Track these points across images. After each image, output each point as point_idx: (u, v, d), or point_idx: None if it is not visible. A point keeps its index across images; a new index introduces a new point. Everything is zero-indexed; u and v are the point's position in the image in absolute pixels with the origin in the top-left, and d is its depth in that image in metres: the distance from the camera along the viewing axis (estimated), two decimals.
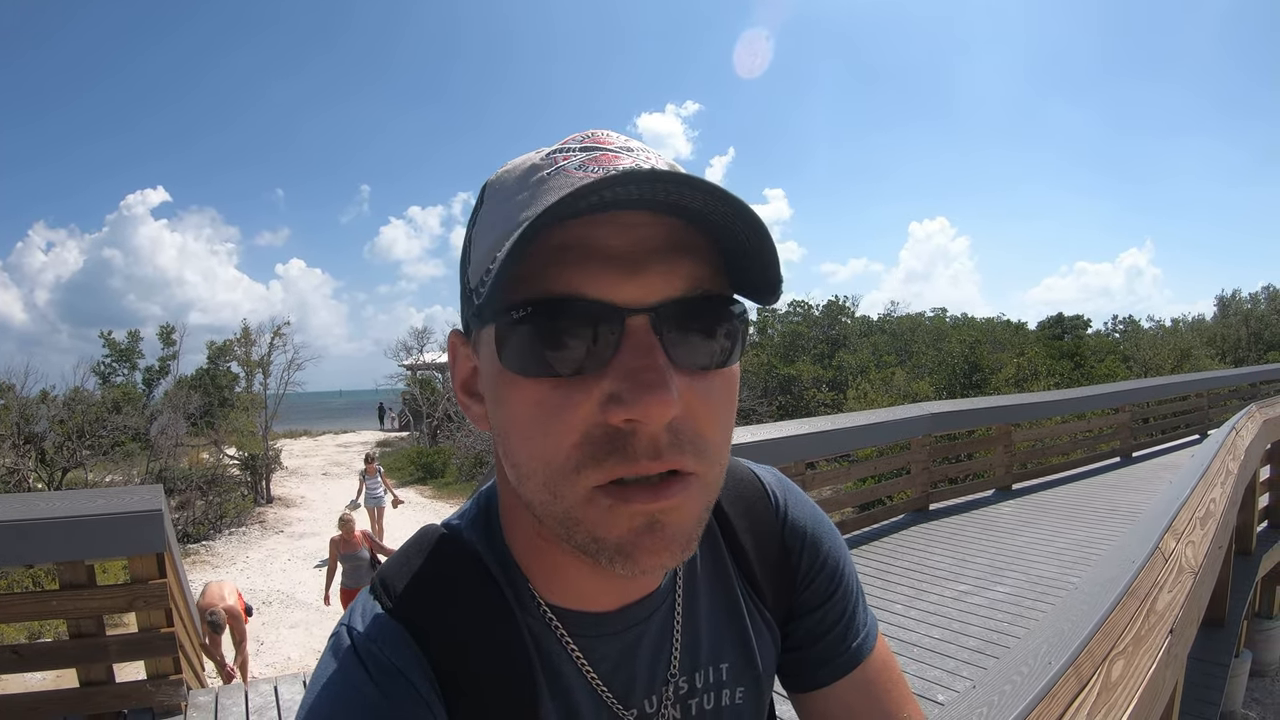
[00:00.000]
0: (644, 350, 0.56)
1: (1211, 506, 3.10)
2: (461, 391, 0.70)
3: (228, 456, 23.96)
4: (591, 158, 0.60)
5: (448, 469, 26.74)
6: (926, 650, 5.00)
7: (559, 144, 0.64)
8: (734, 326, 0.62)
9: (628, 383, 0.56)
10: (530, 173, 0.62)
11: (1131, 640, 1.71)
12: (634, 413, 0.55)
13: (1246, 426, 5.65)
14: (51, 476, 19.89)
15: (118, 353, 33.66)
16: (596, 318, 0.56)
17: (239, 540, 18.60)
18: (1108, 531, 7.86)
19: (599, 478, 0.57)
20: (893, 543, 7.75)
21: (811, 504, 0.95)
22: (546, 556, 0.71)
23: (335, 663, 0.66)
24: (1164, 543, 2.32)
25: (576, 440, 0.57)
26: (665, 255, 0.58)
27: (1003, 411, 10.36)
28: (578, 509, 0.59)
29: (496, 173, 0.67)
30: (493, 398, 0.63)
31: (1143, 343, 37.00)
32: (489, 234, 0.62)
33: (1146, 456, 12.95)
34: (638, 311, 0.57)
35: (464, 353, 0.69)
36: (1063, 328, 44.80)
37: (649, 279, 0.57)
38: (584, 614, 0.73)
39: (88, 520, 3.88)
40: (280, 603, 13.30)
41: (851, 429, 7.72)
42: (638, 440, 0.57)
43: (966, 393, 25.79)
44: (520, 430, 0.60)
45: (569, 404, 0.57)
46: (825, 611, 0.89)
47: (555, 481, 0.59)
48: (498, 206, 0.63)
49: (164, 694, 4.31)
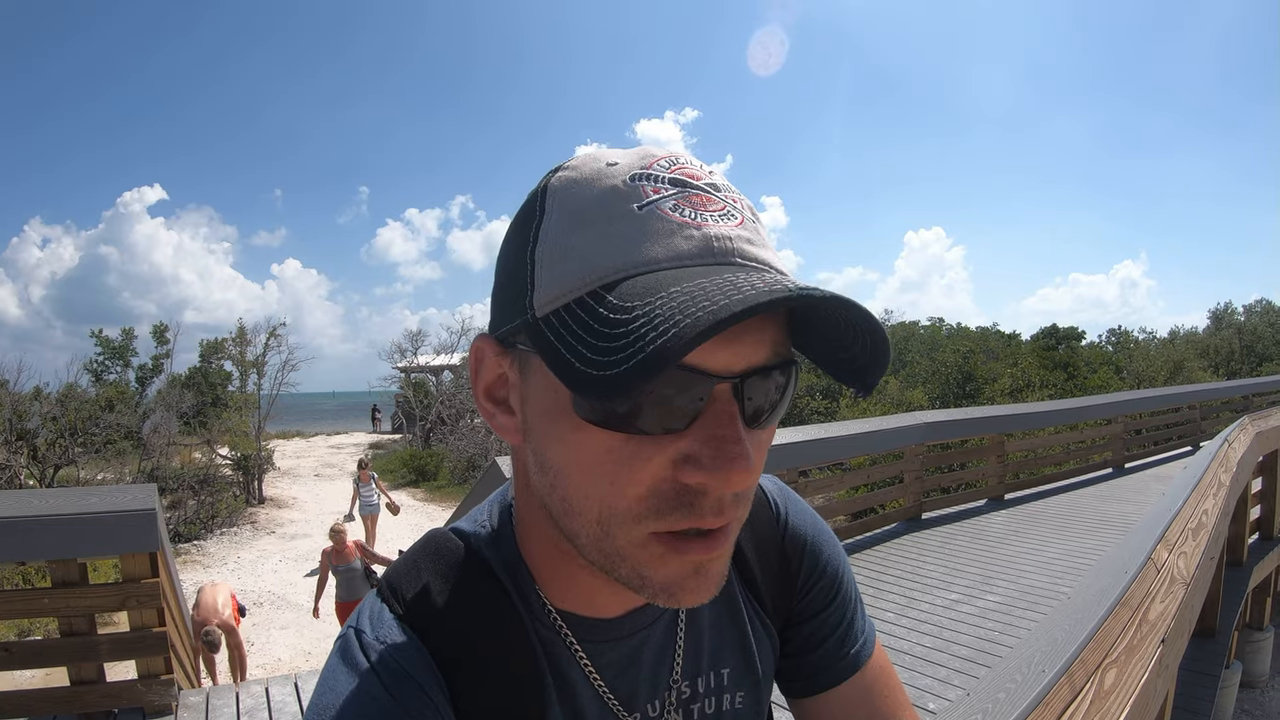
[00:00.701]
0: (727, 419, 0.56)
1: (1204, 518, 3.11)
2: (485, 398, 0.67)
3: (220, 456, 23.86)
4: (684, 198, 0.58)
5: (440, 472, 26.66)
6: (918, 659, 5.00)
7: (640, 163, 0.61)
8: (791, 386, 0.62)
9: (710, 449, 0.55)
10: (614, 197, 0.58)
11: (1124, 650, 1.72)
12: (714, 481, 0.55)
13: (1239, 439, 5.66)
14: (43, 473, 19.78)
15: (110, 350, 33.51)
16: (689, 384, 0.55)
17: (230, 540, 18.53)
18: (1098, 542, 7.87)
19: (659, 527, 0.57)
20: (885, 551, 7.75)
21: (812, 512, 0.96)
22: (561, 567, 0.71)
23: (345, 666, 0.65)
24: (1156, 553, 2.33)
25: (643, 493, 0.57)
26: (758, 326, 0.57)
27: (996, 421, 10.36)
28: (629, 550, 0.59)
29: (560, 177, 0.62)
30: (547, 432, 0.61)
31: (1136, 354, 37.08)
32: (565, 260, 0.57)
33: (1139, 468, 12.98)
34: (726, 379, 0.56)
35: (495, 361, 0.66)
36: (1056, 339, 44.86)
37: (740, 349, 0.56)
38: (591, 620, 0.73)
39: (81, 518, 3.87)
40: (271, 604, 13.25)
41: (845, 437, 7.72)
42: (706, 500, 0.57)
43: (960, 402, 25.83)
44: (580, 472, 0.59)
45: (640, 457, 0.56)
46: (824, 618, 0.90)
47: (611, 523, 0.59)
48: (576, 228, 0.58)
49: (155, 694, 4.29)
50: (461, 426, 28.96)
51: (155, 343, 31.56)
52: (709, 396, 0.56)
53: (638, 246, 0.56)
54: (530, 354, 0.61)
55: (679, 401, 0.55)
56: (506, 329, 0.63)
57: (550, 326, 0.56)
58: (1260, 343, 41.35)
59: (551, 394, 0.59)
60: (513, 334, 0.62)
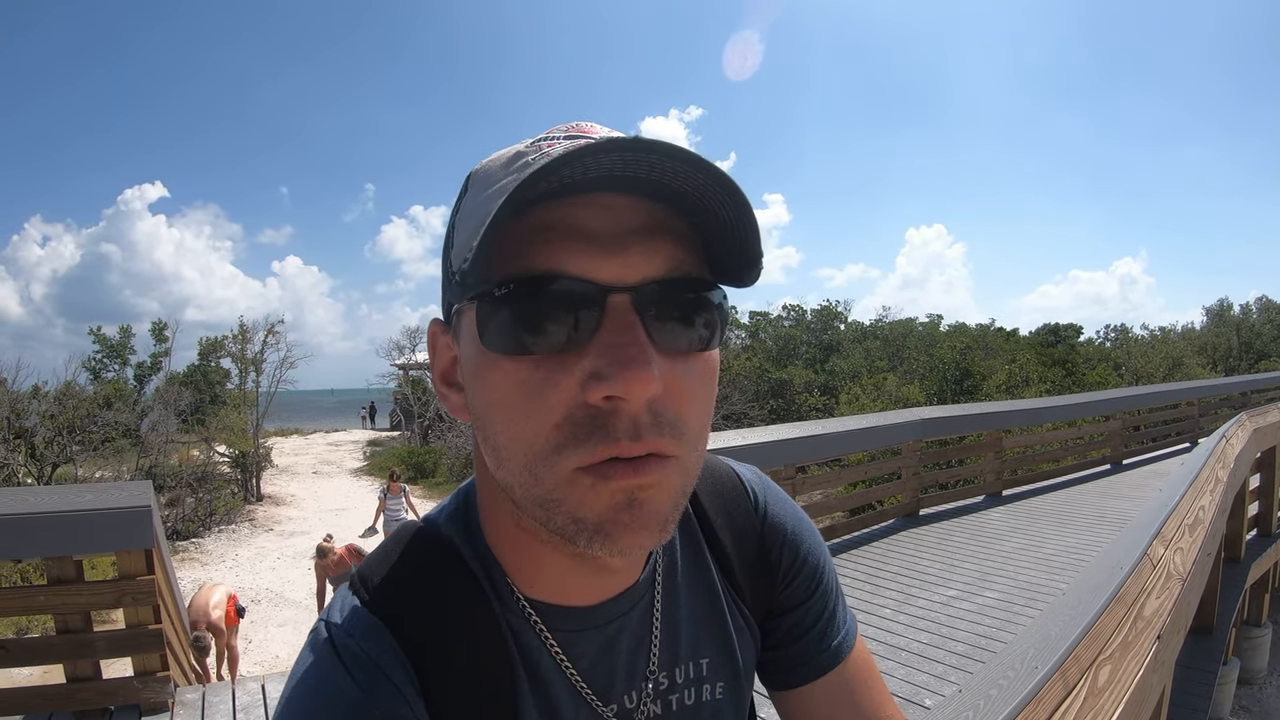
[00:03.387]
0: (625, 328, 0.57)
1: (1200, 514, 3.11)
2: (441, 382, 0.70)
3: (218, 454, 23.87)
4: (575, 144, 0.58)
5: (438, 469, 26.70)
6: (914, 655, 5.00)
7: (543, 134, 0.64)
8: (713, 311, 0.63)
9: (608, 359, 0.56)
10: (514, 159, 0.62)
11: (1119, 646, 1.71)
12: (615, 388, 0.55)
13: (1236, 435, 5.67)
14: (41, 471, 19.77)
15: (109, 348, 33.52)
16: (578, 295, 0.57)
17: (229, 538, 18.57)
18: (1096, 538, 7.87)
19: (580, 459, 0.57)
20: (882, 547, 7.75)
21: (791, 503, 0.96)
22: (526, 550, 0.70)
23: (313, 656, 0.66)
24: (1152, 549, 2.32)
25: (558, 421, 0.57)
26: (645, 236, 0.59)
27: (994, 418, 10.37)
28: (558, 490, 0.59)
29: (481, 162, 0.67)
30: (473, 382, 0.63)
31: (1134, 351, 37.11)
32: (472, 218, 0.61)
33: (1137, 464, 12.97)
34: (619, 290, 0.57)
35: (444, 342, 0.70)
36: (1056, 336, 44.92)
37: (630, 259, 0.58)
38: (563, 608, 0.73)
39: (76, 515, 3.85)
40: (269, 601, 13.28)
41: (843, 433, 7.72)
42: (619, 420, 0.57)
43: (958, 399, 25.80)
44: (500, 412, 0.60)
45: (550, 383, 0.57)
46: (805, 610, 0.90)
47: (535, 463, 0.59)
48: (481, 192, 0.63)
49: (151, 691, 4.28)
50: (460, 424, 28.90)
51: (154, 340, 31.61)
52: (604, 309, 0.57)
53: None
54: (459, 315, 0.64)
55: (574, 316, 0.57)
56: (444, 306, 0.69)
57: (461, 270, 0.58)
58: (1258, 339, 41.50)
59: (471, 342, 0.62)
60: (447, 307, 0.68)
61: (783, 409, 30.99)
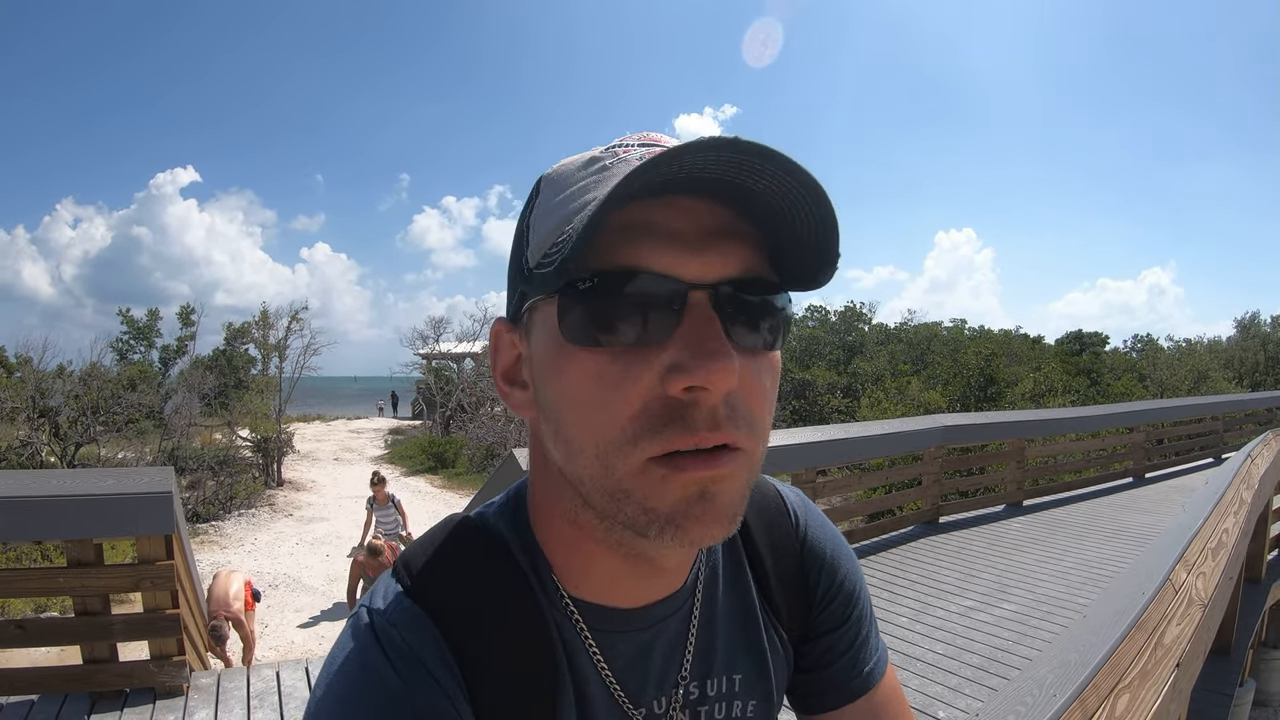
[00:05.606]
0: (706, 322, 0.58)
1: (1224, 537, 3.06)
2: (503, 380, 0.71)
3: (240, 438, 24.07)
4: (650, 151, 0.61)
5: (459, 459, 26.80)
6: (930, 665, 4.97)
7: (615, 142, 0.66)
8: (778, 313, 0.64)
9: (691, 351, 0.57)
10: (590, 163, 0.64)
11: (1138, 675, 1.69)
12: (697, 379, 0.56)
13: (1262, 454, 5.58)
14: (64, 451, 20.03)
15: (136, 330, 33.87)
16: (661, 291, 0.58)
17: (248, 522, 18.74)
18: (1115, 553, 7.80)
19: (656, 449, 0.58)
20: (900, 554, 7.70)
21: (832, 527, 0.96)
22: (577, 547, 0.71)
23: (354, 643, 0.66)
24: (1175, 574, 2.29)
25: (634, 412, 0.58)
26: (722, 239, 0.60)
27: (1017, 427, 10.29)
28: (630, 480, 0.59)
29: (552, 168, 0.69)
30: (546, 374, 0.64)
31: (1160, 362, 36.74)
32: (549, 217, 0.63)
33: (1159, 478, 12.84)
34: (699, 287, 0.59)
35: (509, 340, 0.70)
36: (1081, 344, 44.55)
37: (709, 258, 0.59)
38: (605, 608, 0.73)
39: (97, 499, 3.89)
40: (286, 586, 13.38)
41: (865, 438, 7.69)
42: (697, 411, 0.58)
43: (981, 405, 25.68)
44: (576, 404, 0.61)
45: (629, 375, 0.58)
46: (839, 635, 0.90)
47: (609, 454, 0.59)
48: (558, 193, 0.64)
49: (166, 675, 4.32)
50: (481, 415, 29.04)
51: (181, 325, 31.92)
52: (685, 304, 0.59)
53: (602, 185, 0.60)
54: (529, 314, 0.66)
55: (656, 311, 0.58)
56: (512, 305, 0.69)
57: (541, 265, 0.61)
58: None
59: (547, 336, 0.63)
60: (519, 304, 0.67)
61: (805, 410, 30.95)
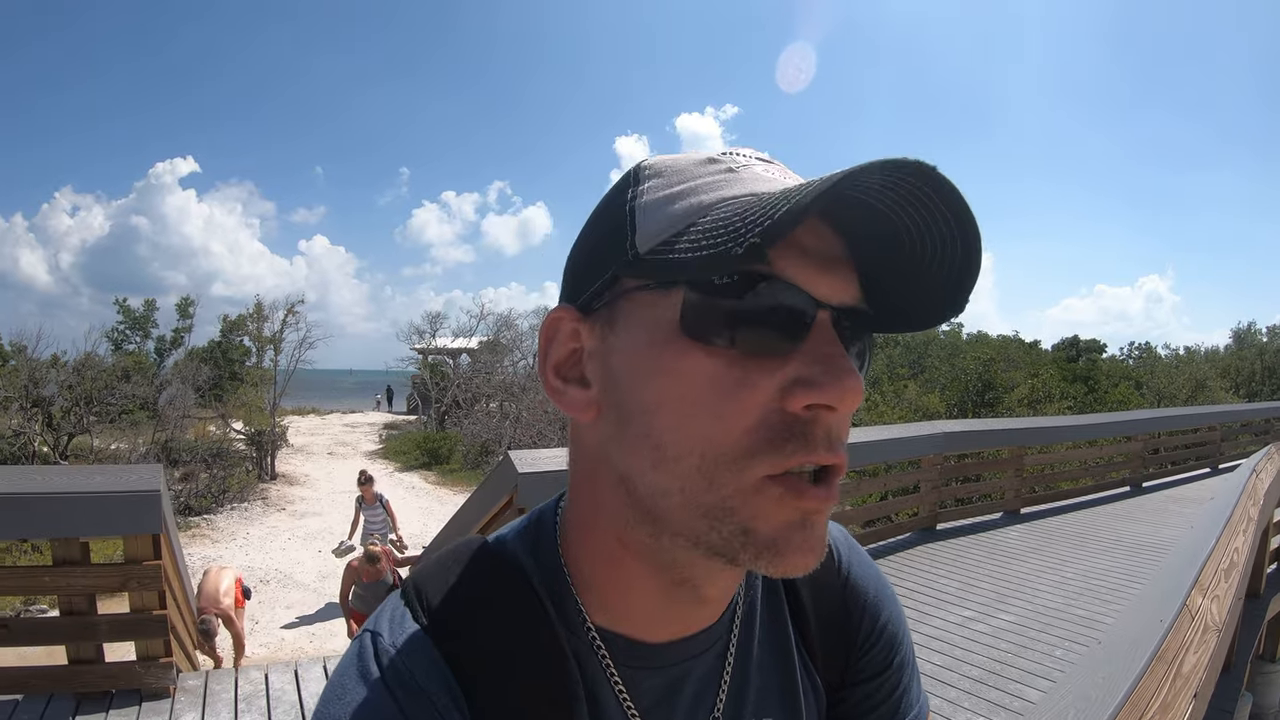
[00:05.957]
0: (831, 342, 0.56)
1: (1235, 557, 3.02)
2: (554, 375, 0.65)
3: (234, 431, 24.00)
4: (771, 166, 0.61)
5: (453, 455, 26.75)
6: (927, 677, 4.91)
7: (725, 150, 0.64)
8: (870, 347, 0.63)
9: (822, 366, 0.55)
10: (709, 162, 0.61)
11: (1159, 708, 1.63)
12: (828, 396, 0.54)
13: (1265, 469, 5.55)
14: (57, 441, 19.97)
15: (132, 320, 33.83)
16: (797, 303, 0.55)
17: (241, 516, 18.65)
18: (1114, 563, 7.78)
19: (774, 467, 0.54)
20: (898, 561, 7.67)
21: (875, 567, 0.91)
22: (617, 569, 0.66)
23: (357, 674, 0.62)
24: (1191, 599, 2.23)
25: (752, 424, 0.54)
26: (844, 266, 0.59)
27: (1016, 434, 10.29)
28: (738, 498, 0.55)
29: (655, 158, 0.64)
30: (639, 371, 0.58)
31: (1158, 370, 36.76)
32: (670, 205, 0.58)
33: (1156, 488, 12.84)
34: (827, 307, 0.57)
35: (570, 330, 0.64)
36: (1078, 350, 44.62)
37: (835, 282, 0.57)
38: (633, 642, 0.68)
39: (84, 497, 3.83)
40: (278, 582, 13.32)
41: (864, 444, 7.62)
42: (817, 429, 0.55)
43: (979, 411, 25.65)
44: (679, 408, 0.56)
45: (747, 383, 0.55)
46: (879, 683, 0.85)
47: (717, 467, 0.55)
48: (675, 184, 0.60)
49: (153, 676, 4.26)
50: (476, 411, 29.01)
51: (178, 316, 31.90)
52: (814, 320, 0.56)
53: (739, 185, 0.58)
54: (620, 302, 0.60)
55: (787, 321, 0.55)
56: (590, 291, 0.62)
57: (659, 252, 0.57)
58: None
59: (650, 328, 0.58)
60: (599, 292, 0.61)
61: None
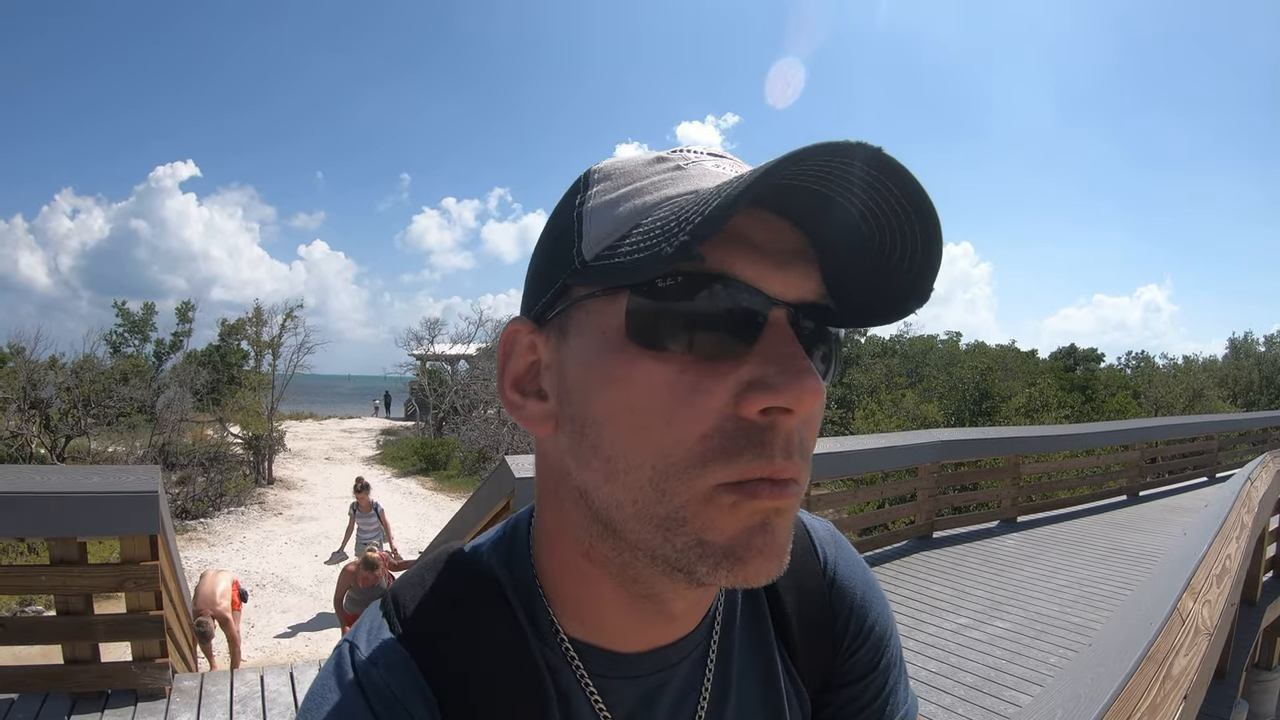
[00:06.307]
0: (788, 341, 0.54)
1: (1228, 563, 3.02)
2: (512, 389, 0.63)
3: (232, 435, 23.97)
4: (722, 161, 0.60)
5: (451, 461, 26.73)
6: (922, 684, 4.92)
7: (674, 149, 0.62)
8: (834, 345, 0.61)
9: (777, 367, 0.52)
10: (658, 161, 0.59)
11: (1148, 709, 1.64)
12: (785, 399, 0.51)
13: (1260, 477, 5.57)
14: (55, 443, 19.94)
15: (130, 323, 33.80)
16: (749, 302, 0.53)
17: (238, 520, 18.62)
18: (1110, 571, 7.79)
19: (728, 475, 0.52)
20: (894, 569, 7.67)
21: (863, 565, 0.88)
22: (586, 583, 0.65)
23: (335, 683, 0.62)
24: (1182, 603, 2.25)
25: (705, 431, 0.52)
26: (799, 259, 0.56)
27: (1013, 443, 10.27)
28: (689, 508, 0.53)
29: (604, 162, 0.63)
30: (590, 381, 0.57)
31: (1155, 380, 36.76)
32: (615, 208, 0.57)
33: (1153, 497, 12.85)
34: (782, 305, 0.55)
35: (527, 342, 0.62)
36: (1075, 359, 44.64)
37: (790, 277, 0.55)
38: (608, 652, 0.67)
39: (81, 497, 3.84)
40: (274, 586, 13.30)
41: (860, 452, 7.63)
42: (774, 436, 0.53)
43: (976, 420, 25.68)
44: (632, 416, 0.54)
45: (699, 389, 0.52)
46: (865, 685, 0.83)
47: (668, 477, 0.53)
48: (622, 186, 0.58)
49: (149, 677, 4.27)
50: (474, 417, 28.98)
51: (178, 320, 31.89)
52: (768, 319, 0.54)
53: (685, 182, 0.56)
54: (571, 311, 0.58)
55: (738, 321, 0.53)
56: (543, 301, 0.61)
57: (604, 258, 0.55)
58: None
59: (599, 337, 0.56)
60: (551, 302, 0.60)
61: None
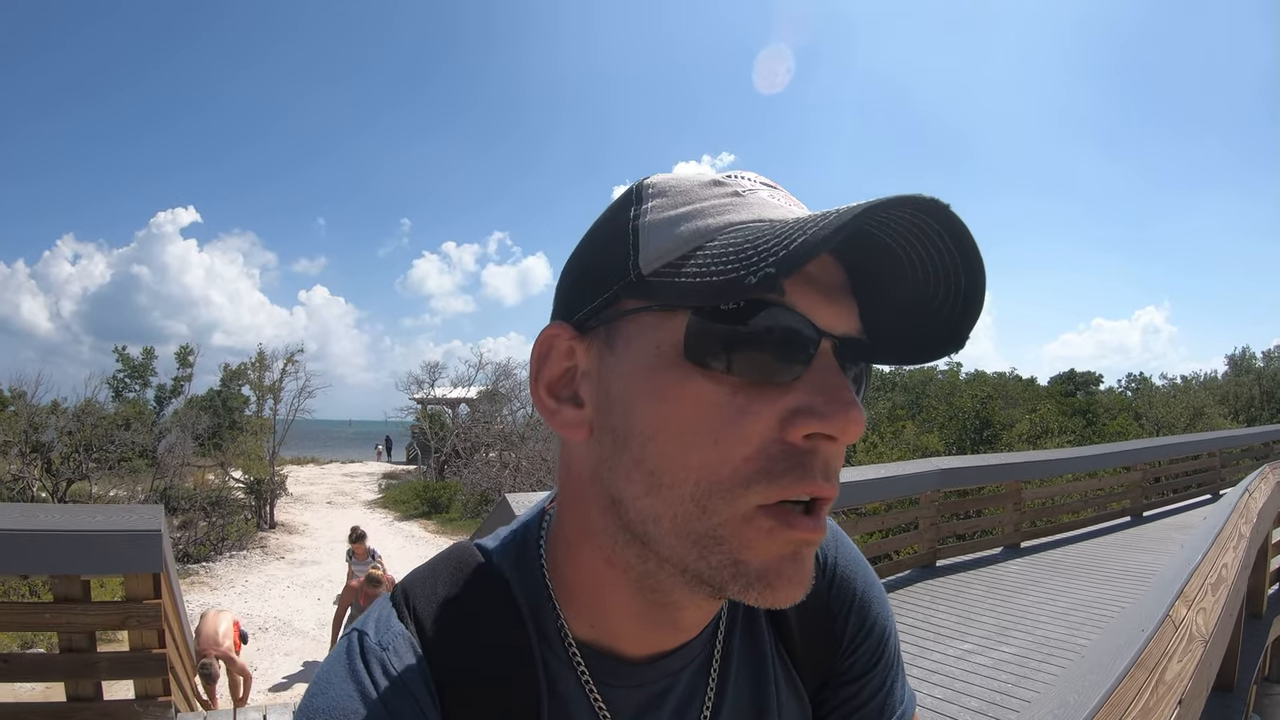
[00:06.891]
0: (834, 372, 0.57)
1: (1224, 572, 3.03)
2: (546, 393, 0.64)
3: (233, 479, 23.92)
4: (776, 192, 0.62)
5: (453, 504, 26.61)
6: (928, 710, 4.91)
7: (727, 173, 0.63)
8: (866, 378, 0.64)
9: (825, 397, 0.55)
10: (714, 185, 0.61)
11: (1139, 713, 1.65)
12: (831, 426, 0.54)
13: (1259, 488, 5.57)
14: (56, 486, 19.90)
15: (131, 368, 33.83)
16: (803, 331, 0.56)
17: (239, 564, 18.54)
18: (1116, 593, 7.75)
19: (768, 496, 0.55)
20: (898, 598, 7.62)
21: (863, 561, 0.89)
22: (601, 589, 0.66)
23: (344, 669, 0.64)
24: (1175, 610, 2.26)
25: (750, 453, 0.55)
26: (847, 295, 0.59)
27: (1013, 469, 10.24)
28: (728, 526, 0.55)
29: (657, 177, 0.64)
30: (638, 394, 0.58)
31: (1155, 400, 36.70)
32: (673, 226, 0.58)
33: (1157, 516, 12.81)
34: (830, 336, 0.57)
35: (565, 348, 0.64)
36: (1074, 383, 44.63)
37: (839, 311, 0.58)
38: (614, 657, 0.69)
39: (86, 535, 3.84)
40: (277, 629, 13.21)
41: (861, 482, 7.61)
42: (816, 460, 0.55)
43: (977, 448, 25.58)
44: (679, 433, 0.56)
45: (748, 412, 0.55)
46: (864, 683, 0.84)
47: (711, 495, 0.55)
48: (680, 205, 0.60)
49: (151, 715, 4.23)
50: (476, 460, 28.91)
51: (178, 364, 31.93)
52: (818, 350, 0.56)
53: (746, 210, 0.58)
54: (619, 322, 0.60)
55: (792, 349, 0.55)
56: (589, 309, 0.62)
57: (664, 274, 0.57)
58: None
59: (652, 352, 0.58)
60: (598, 309, 0.61)
61: None
